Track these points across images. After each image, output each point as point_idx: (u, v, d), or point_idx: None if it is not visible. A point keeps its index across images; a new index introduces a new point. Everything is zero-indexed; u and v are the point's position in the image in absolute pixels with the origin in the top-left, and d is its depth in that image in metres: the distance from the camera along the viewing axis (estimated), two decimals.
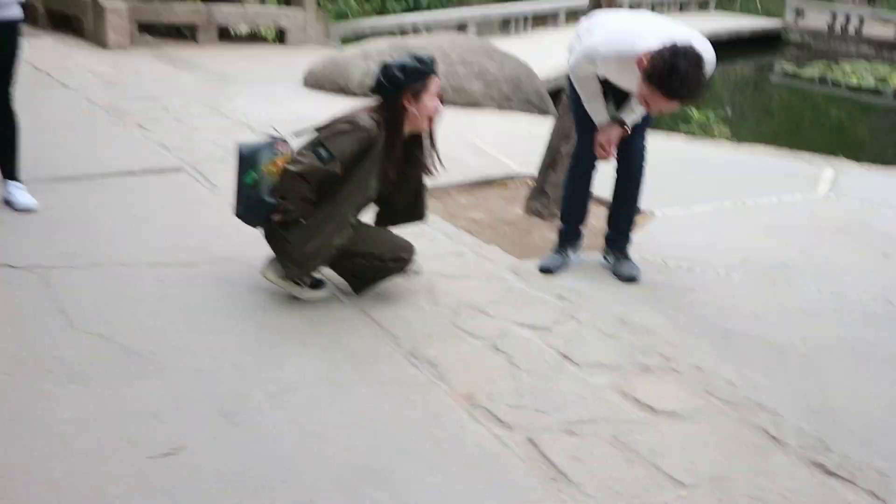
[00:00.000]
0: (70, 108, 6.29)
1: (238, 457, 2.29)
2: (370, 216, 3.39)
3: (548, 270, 3.70)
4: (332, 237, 3.09)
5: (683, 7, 20.83)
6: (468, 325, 3.13)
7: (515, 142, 6.27)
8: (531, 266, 3.75)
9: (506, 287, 3.51)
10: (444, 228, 4.19)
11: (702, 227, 4.53)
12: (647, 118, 3.60)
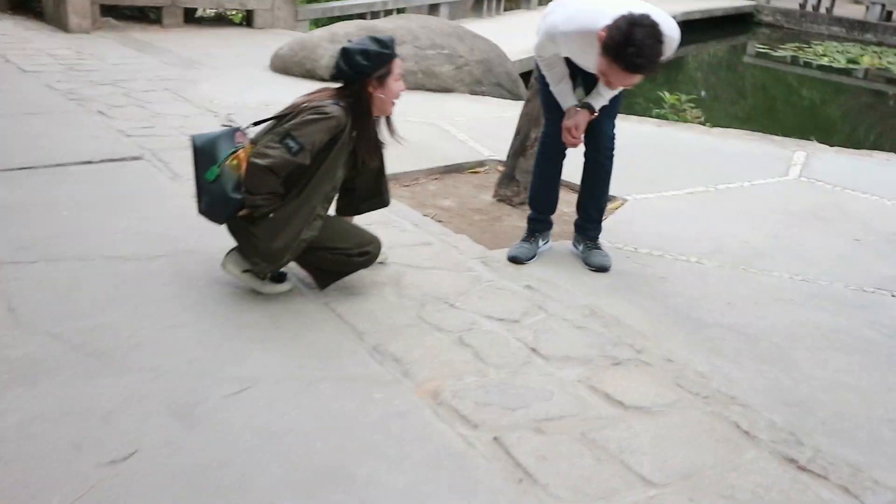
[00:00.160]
0: (28, 95, 6.11)
1: (193, 460, 2.19)
2: (333, 206, 3.29)
3: (517, 260, 3.62)
4: (302, 230, 2.98)
5: None
6: (435, 318, 3.04)
7: (486, 126, 6.19)
8: (500, 255, 3.68)
9: (474, 278, 3.43)
10: (413, 217, 4.10)
11: (673, 213, 4.48)
12: (617, 103, 3.53)
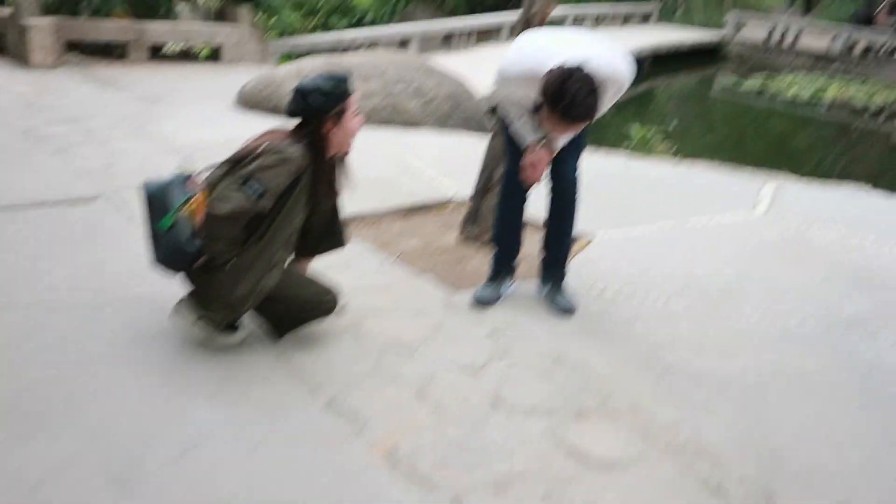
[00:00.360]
0: None
1: None
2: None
3: (482, 303, 3.52)
4: (263, 278, 2.85)
5: (627, 20, 21.02)
6: (394, 369, 2.92)
7: (454, 162, 6.10)
8: (465, 298, 3.57)
9: (436, 323, 3.31)
10: (375, 259, 3.98)
11: (641, 251, 4.40)
12: (581, 142, 3.45)
